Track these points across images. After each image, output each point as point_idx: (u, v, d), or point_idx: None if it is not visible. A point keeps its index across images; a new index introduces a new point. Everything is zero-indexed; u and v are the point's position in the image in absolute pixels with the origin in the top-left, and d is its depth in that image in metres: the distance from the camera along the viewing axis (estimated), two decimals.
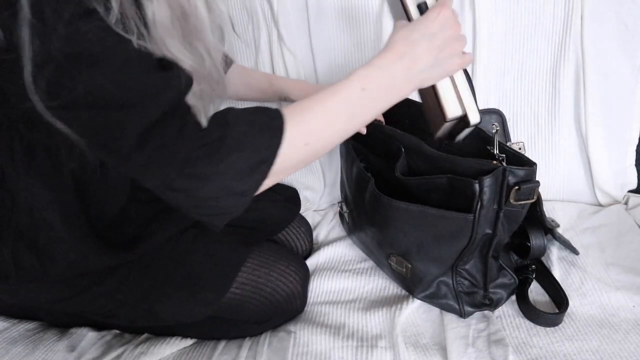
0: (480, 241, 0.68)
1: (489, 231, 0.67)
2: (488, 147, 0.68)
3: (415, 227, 0.70)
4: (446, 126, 0.60)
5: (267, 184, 0.52)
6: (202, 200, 0.49)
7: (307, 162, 0.56)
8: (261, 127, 0.50)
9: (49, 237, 0.60)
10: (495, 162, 0.64)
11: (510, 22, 0.90)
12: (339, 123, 0.54)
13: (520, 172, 0.63)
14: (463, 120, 0.59)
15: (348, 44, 0.97)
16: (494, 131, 0.66)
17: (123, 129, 0.45)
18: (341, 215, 0.95)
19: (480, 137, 0.70)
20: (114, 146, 0.46)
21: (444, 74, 0.56)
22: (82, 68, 0.42)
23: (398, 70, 0.53)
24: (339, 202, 0.95)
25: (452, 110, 0.58)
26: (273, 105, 0.55)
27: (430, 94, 0.59)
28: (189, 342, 0.72)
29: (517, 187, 0.63)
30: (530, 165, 0.63)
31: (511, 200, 0.64)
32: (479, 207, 0.63)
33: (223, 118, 0.50)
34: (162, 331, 0.73)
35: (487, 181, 0.62)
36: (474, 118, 0.58)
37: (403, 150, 0.74)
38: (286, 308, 0.73)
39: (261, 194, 0.89)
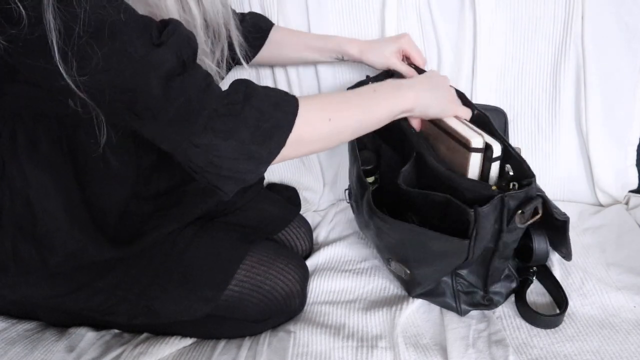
0: (481, 254, 0.67)
1: (491, 245, 0.65)
2: (505, 168, 0.65)
3: (410, 243, 0.68)
4: (474, 164, 0.65)
5: (288, 153, 0.55)
6: (221, 158, 0.51)
7: (332, 141, 0.61)
8: (277, 98, 0.55)
9: (48, 227, 0.61)
10: (495, 187, 0.62)
11: (510, 22, 0.90)
12: (357, 110, 0.61)
13: (520, 194, 0.60)
14: (487, 154, 0.64)
15: None
16: (507, 171, 0.65)
17: (147, 80, 0.47)
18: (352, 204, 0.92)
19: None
20: (141, 102, 0.48)
21: (442, 109, 0.68)
22: (104, 39, 0.45)
23: (403, 82, 0.67)
24: (345, 190, 0.92)
25: (475, 140, 0.63)
26: None
27: (449, 141, 0.67)
28: (188, 341, 0.72)
29: (520, 212, 0.60)
30: (528, 184, 0.61)
31: (517, 224, 0.61)
32: (474, 234, 0.61)
33: (243, 84, 0.54)
34: (161, 330, 0.73)
35: (484, 211, 0.59)
36: (497, 149, 0.63)
37: (414, 154, 0.71)
38: (285, 307, 0.72)
39: (261, 194, 0.90)
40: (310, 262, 0.86)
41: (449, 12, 0.92)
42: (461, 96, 0.75)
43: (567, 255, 0.78)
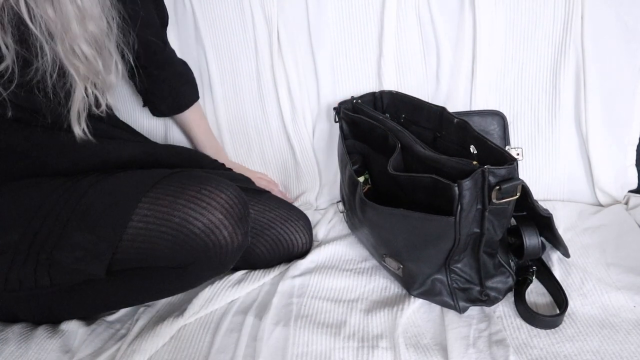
0: (469, 240, 0.68)
1: (476, 230, 0.67)
2: (471, 148, 0.70)
3: (401, 230, 0.71)
4: None
5: None
6: None
7: None
8: None
9: None
10: (475, 162, 0.64)
11: (510, 22, 0.90)
12: None
13: (501, 171, 0.62)
14: None
15: (348, 44, 0.97)
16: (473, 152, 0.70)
17: None
18: (343, 213, 0.96)
19: (474, 135, 0.71)
20: None
21: None
22: None
23: None
24: (337, 202, 0.95)
25: None
26: None
27: None
28: (181, 322, 0.72)
29: (497, 187, 0.62)
30: (510, 162, 0.63)
31: (493, 200, 0.63)
32: (459, 210, 0.63)
33: None
34: (94, 301, 0.72)
35: (467, 184, 0.62)
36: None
37: (399, 145, 0.75)
38: (210, 243, 0.62)
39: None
40: (311, 259, 0.86)
41: (448, 12, 0.92)
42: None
43: (564, 252, 0.79)
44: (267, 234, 0.84)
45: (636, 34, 0.86)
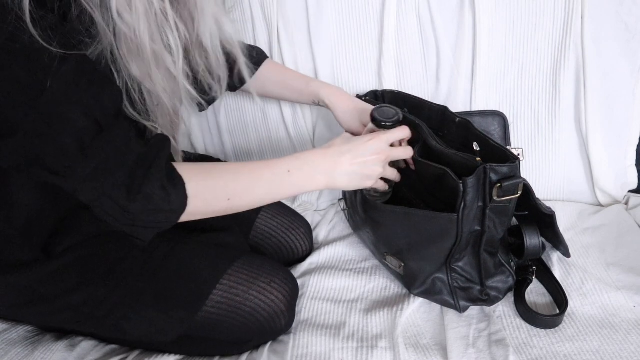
0: (471, 238, 0.69)
1: (478, 228, 0.67)
2: (474, 145, 0.70)
3: (403, 228, 0.71)
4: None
5: (184, 219, 0.56)
6: (133, 214, 0.53)
7: (226, 213, 0.62)
8: (169, 177, 0.55)
9: None
10: (478, 159, 0.65)
11: (510, 22, 0.90)
12: (260, 191, 0.63)
13: (503, 168, 0.63)
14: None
15: (348, 44, 0.97)
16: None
17: (63, 148, 0.48)
18: (344, 211, 0.96)
19: (476, 135, 0.71)
20: (57, 165, 0.49)
21: (358, 185, 0.68)
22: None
23: (321, 166, 0.65)
24: (339, 200, 0.95)
25: None
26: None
27: None
28: None
29: (498, 185, 0.63)
30: (512, 161, 0.63)
31: (494, 197, 0.64)
32: (462, 207, 0.64)
33: (156, 147, 0.55)
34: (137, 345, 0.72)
35: (470, 181, 0.63)
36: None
37: (422, 137, 0.74)
38: (269, 328, 0.69)
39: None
40: (310, 261, 0.86)
41: (448, 12, 0.92)
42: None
43: (565, 251, 0.79)
44: (270, 242, 0.86)
45: (636, 33, 0.86)
